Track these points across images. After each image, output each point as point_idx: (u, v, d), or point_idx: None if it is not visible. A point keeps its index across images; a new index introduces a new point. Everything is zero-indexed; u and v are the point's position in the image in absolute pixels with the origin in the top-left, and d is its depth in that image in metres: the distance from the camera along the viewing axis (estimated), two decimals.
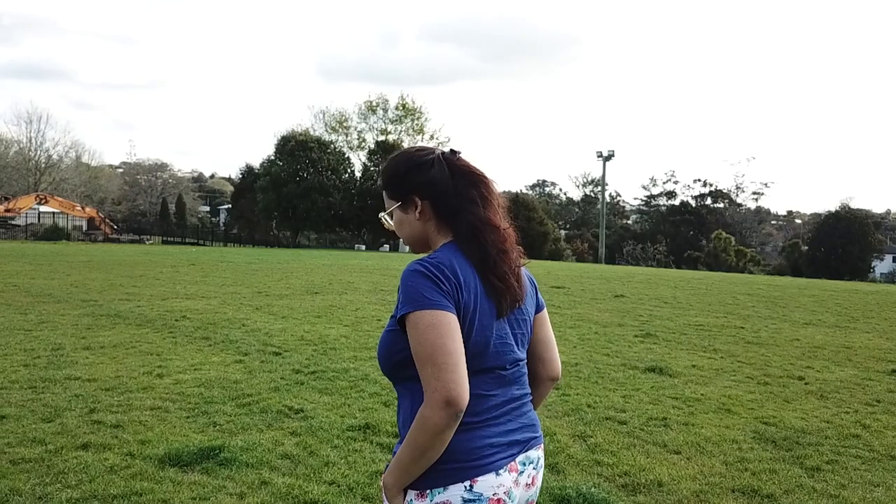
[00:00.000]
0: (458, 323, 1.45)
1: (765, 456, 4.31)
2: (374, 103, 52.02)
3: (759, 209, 69.53)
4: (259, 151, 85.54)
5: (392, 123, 52.22)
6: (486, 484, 1.48)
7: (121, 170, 79.55)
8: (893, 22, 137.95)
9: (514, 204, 45.72)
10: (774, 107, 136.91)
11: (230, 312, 9.87)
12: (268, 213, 47.73)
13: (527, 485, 1.61)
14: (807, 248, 52.08)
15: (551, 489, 3.61)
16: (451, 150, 1.66)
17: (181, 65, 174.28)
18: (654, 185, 69.71)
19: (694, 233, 61.09)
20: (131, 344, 7.23)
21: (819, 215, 65.86)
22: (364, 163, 50.02)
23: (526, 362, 1.67)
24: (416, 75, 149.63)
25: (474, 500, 1.47)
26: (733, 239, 53.49)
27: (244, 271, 18.13)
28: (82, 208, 46.01)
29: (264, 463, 3.85)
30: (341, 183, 48.01)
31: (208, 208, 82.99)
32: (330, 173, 46.93)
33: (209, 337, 7.78)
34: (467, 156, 1.67)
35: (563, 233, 62.95)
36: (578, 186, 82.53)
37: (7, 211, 41.73)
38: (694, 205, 64.99)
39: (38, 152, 57.51)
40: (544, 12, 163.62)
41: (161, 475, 3.63)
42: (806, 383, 6.58)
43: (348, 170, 49.83)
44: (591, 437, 4.56)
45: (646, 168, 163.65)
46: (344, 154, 50.58)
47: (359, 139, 52.83)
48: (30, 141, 57.15)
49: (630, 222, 73.88)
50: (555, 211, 71.44)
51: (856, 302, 15.51)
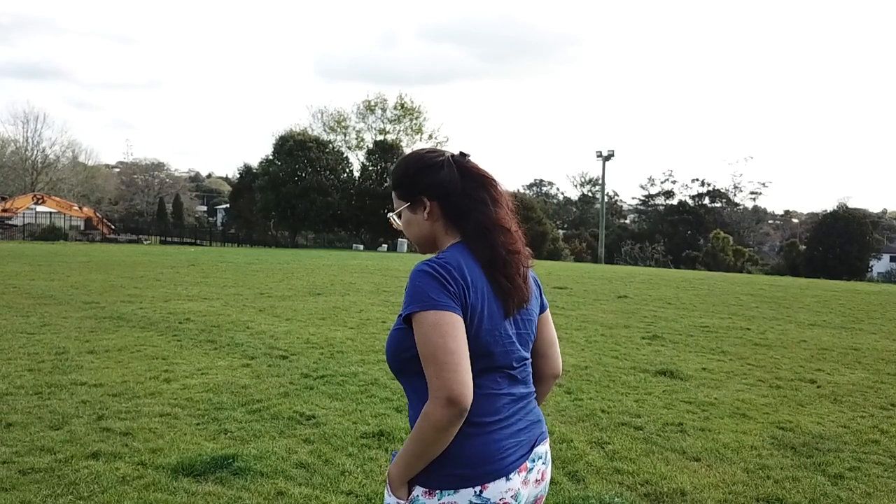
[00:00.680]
0: (462, 323, 1.46)
1: (785, 463, 4.24)
2: (373, 103, 51.91)
3: (756, 209, 69.59)
4: (256, 151, 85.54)
5: (391, 123, 52.11)
6: (495, 490, 1.50)
7: (117, 169, 79.32)
8: (889, 22, 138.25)
9: (514, 204, 46.53)
10: (772, 106, 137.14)
11: (234, 314, 9.79)
12: (266, 212, 47.63)
13: (536, 481, 1.63)
14: (805, 247, 52.09)
15: (573, 499, 3.54)
16: (461, 153, 1.68)
17: (178, 65, 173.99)
18: (651, 185, 69.80)
19: (692, 232, 61.12)
20: (136, 347, 7.15)
21: (816, 215, 65.96)
22: (363, 162, 49.90)
23: (530, 361, 1.70)
24: (415, 75, 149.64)
25: None
26: (731, 238, 53.51)
27: (245, 272, 18.03)
28: (79, 208, 45.77)
29: (279, 472, 3.77)
30: (340, 183, 47.91)
31: (205, 208, 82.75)
32: (328, 173, 46.82)
33: (214, 340, 7.70)
34: (473, 157, 1.69)
35: (560, 232, 62.88)
36: (576, 186, 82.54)
37: (4, 211, 41.49)
38: (692, 204, 65.00)
39: (35, 152, 57.34)
40: (543, 12, 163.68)
41: (175, 486, 3.55)
42: (818, 386, 6.52)
43: (347, 169, 49.73)
44: (609, 443, 4.50)
45: (644, 168, 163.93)
46: (342, 154, 50.48)
47: (357, 139, 52.72)
48: (26, 140, 56.97)
49: (628, 222, 73.88)
50: (552, 210, 71.34)
51: (859, 302, 15.48)
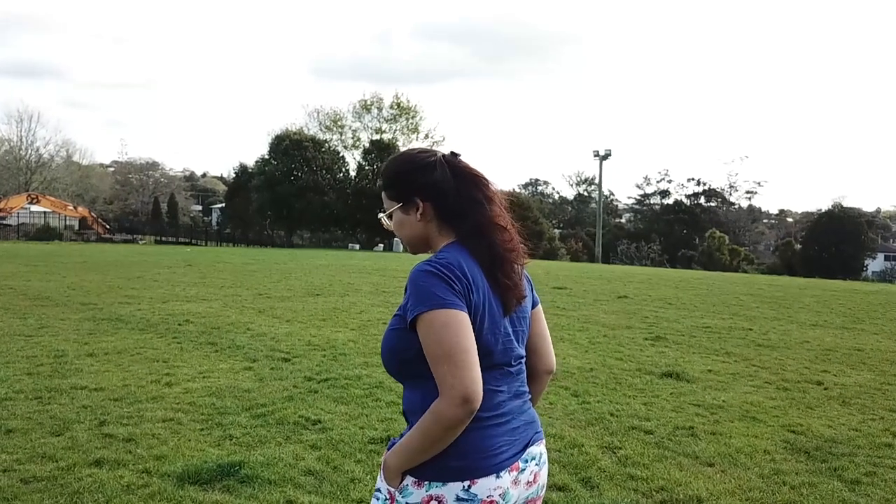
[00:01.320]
0: (470, 322, 1.46)
1: (800, 468, 4.18)
2: (369, 102, 51.73)
3: (751, 208, 69.74)
4: (251, 150, 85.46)
5: (387, 122, 51.94)
6: (483, 486, 1.49)
7: (112, 169, 78.92)
8: (883, 23, 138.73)
9: (510, 203, 46.47)
10: (768, 106, 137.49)
11: (233, 316, 9.69)
12: (262, 212, 47.49)
13: (528, 482, 1.61)
14: (800, 246, 52.22)
15: None
16: (452, 153, 1.67)
17: (173, 64, 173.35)
18: (647, 184, 69.92)
19: (687, 232, 61.18)
20: (136, 350, 7.06)
21: (810, 214, 66.12)
22: (359, 162, 49.72)
23: (525, 359, 1.69)
24: (411, 74, 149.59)
25: (468, 501, 1.48)
26: (727, 238, 53.57)
27: (242, 272, 17.92)
28: (74, 208, 45.59)
29: (287, 480, 3.69)
30: (336, 182, 47.80)
31: (200, 207, 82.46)
32: (324, 172, 46.72)
33: (215, 342, 7.61)
34: (464, 156, 1.68)
35: (556, 232, 62.86)
36: (572, 185, 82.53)
37: None
38: (688, 204, 65.10)
39: (29, 151, 57.02)
40: (539, 11, 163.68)
41: (181, 494, 3.46)
42: (825, 388, 6.47)
43: (343, 169, 49.62)
44: (620, 448, 4.43)
45: (639, 167, 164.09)
46: (338, 153, 50.35)
47: (353, 138, 52.53)
48: (20, 140, 56.65)
49: (623, 221, 73.95)
50: (548, 210, 71.35)
51: (858, 302, 15.45)
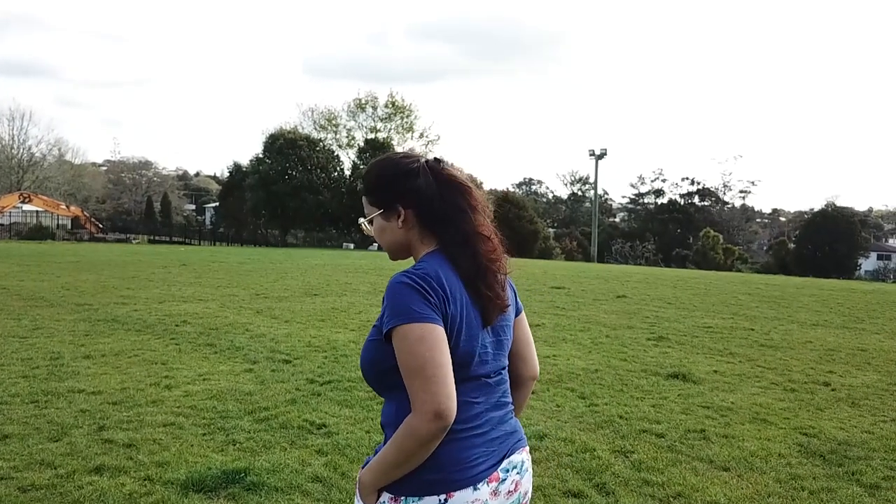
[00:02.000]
0: (445, 335, 1.44)
1: (817, 472, 4.10)
2: (364, 101, 51.49)
3: (745, 207, 69.88)
4: (245, 149, 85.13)
5: (382, 121, 51.72)
6: (461, 499, 1.47)
7: (105, 168, 78.43)
8: (876, 24, 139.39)
9: (505, 203, 45.79)
10: (761, 105, 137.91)
11: (231, 316, 9.57)
12: (256, 211, 47.21)
13: (509, 492, 1.58)
14: (794, 245, 52.31)
15: None
16: (436, 159, 1.63)
17: (166, 63, 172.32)
18: (642, 184, 69.94)
19: (681, 231, 61.24)
20: (133, 352, 6.93)
21: (802, 213, 66.30)
22: (354, 161, 49.50)
23: (508, 369, 1.66)
24: (405, 73, 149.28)
25: None
26: (721, 237, 53.65)
27: (238, 272, 17.78)
28: (67, 207, 45.22)
29: (294, 487, 3.59)
30: (331, 181, 47.58)
31: (194, 207, 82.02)
32: (319, 171, 46.47)
33: (214, 343, 7.49)
34: (455, 158, 1.68)
35: (551, 231, 62.83)
36: (566, 185, 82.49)
37: None
38: (682, 203, 65.16)
39: (21, 150, 56.47)
40: (533, 10, 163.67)
41: (185, 503, 3.36)
42: (833, 389, 6.40)
43: (338, 168, 49.37)
44: (633, 452, 4.34)
45: (633, 166, 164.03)
46: (333, 152, 50.11)
47: (348, 137, 52.28)
48: (12, 139, 56.05)
49: (617, 220, 73.98)
50: (542, 209, 71.33)
51: (856, 301, 15.44)
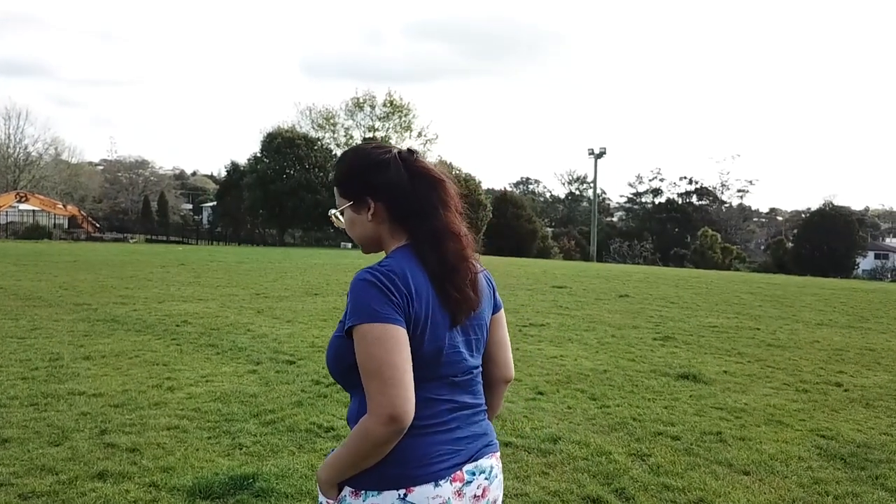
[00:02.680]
0: (406, 336, 1.40)
1: (839, 476, 4.00)
2: (361, 100, 51.30)
3: (742, 206, 69.91)
4: (242, 149, 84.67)
5: (379, 120, 51.52)
6: (421, 494, 1.44)
7: (101, 167, 78.12)
8: (873, 23, 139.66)
9: (504, 202, 45.66)
10: (759, 105, 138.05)
11: (232, 316, 9.45)
12: (254, 210, 47.06)
13: (475, 496, 1.53)
14: (792, 245, 52.31)
15: None
16: (409, 150, 1.57)
17: (163, 62, 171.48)
18: (640, 183, 69.91)
19: (680, 230, 61.22)
20: (134, 353, 6.81)
21: (800, 213, 66.32)
22: None
23: (480, 370, 1.61)
24: (403, 72, 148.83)
25: None
26: (719, 236, 53.64)
27: (237, 271, 17.64)
28: (63, 206, 45.02)
29: (304, 493, 3.48)
30: (329, 180, 47.44)
31: (191, 206, 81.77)
32: (317, 170, 46.32)
33: (215, 344, 7.37)
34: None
35: (549, 230, 62.76)
36: (564, 184, 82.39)
37: None
38: (680, 202, 65.15)
39: (17, 149, 56.23)
40: (531, 9, 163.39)
41: None
42: (845, 390, 6.31)
43: None
44: (650, 455, 4.24)
45: (631, 166, 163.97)
46: (331, 151, 49.89)
47: (346, 136, 52.10)
48: (8, 138, 55.81)
49: (615, 220, 73.94)
50: (540, 208, 71.26)
51: (860, 301, 15.36)
